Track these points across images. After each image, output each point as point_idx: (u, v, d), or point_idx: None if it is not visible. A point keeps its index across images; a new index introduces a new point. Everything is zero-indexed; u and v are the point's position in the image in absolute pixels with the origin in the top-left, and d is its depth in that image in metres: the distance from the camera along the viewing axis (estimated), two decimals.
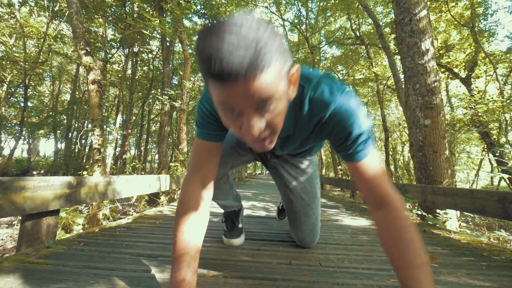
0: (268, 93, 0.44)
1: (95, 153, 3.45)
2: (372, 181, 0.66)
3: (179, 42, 7.03)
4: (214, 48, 0.40)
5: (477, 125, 5.93)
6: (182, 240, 0.67)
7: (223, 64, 0.39)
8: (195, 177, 0.74)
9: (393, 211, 0.63)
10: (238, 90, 0.42)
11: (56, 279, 0.82)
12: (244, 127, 0.48)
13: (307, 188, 1.20)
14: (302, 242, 1.25)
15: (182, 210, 0.71)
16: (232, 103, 0.45)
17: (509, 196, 1.51)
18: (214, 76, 0.42)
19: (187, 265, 0.65)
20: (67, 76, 15.19)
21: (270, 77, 0.43)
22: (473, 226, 4.85)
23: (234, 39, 0.39)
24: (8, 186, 1.12)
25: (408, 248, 0.59)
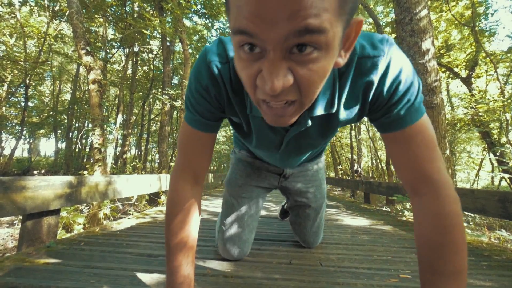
0: (318, 22, 0.28)
1: (96, 153, 3.45)
2: (415, 159, 0.50)
3: (180, 42, 7.03)
4: None
5: (478, 125, 5.92)
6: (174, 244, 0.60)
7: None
8: (187, 173, 0.64)
9: (435, 205, 0.49)
10: (269, 5, 0.27)
11: (56, 278, 0.82)
12: (263, 74, 0.33)
13: (316, 196, 1.15)
14: (305, 242, 1.23)
15: (175, 210, 0.61)
16: (254, 28, 0.29)
17: (509, 195, 1.51)
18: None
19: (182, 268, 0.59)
20: (68, 76, 15.20)
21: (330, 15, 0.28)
22: (474, 226, 4.84)
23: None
24: (9, 186, 1.12)
25: (438, 253, 0.47)
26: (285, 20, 0.27)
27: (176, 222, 0.61)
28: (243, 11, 0.29)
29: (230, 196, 1.09)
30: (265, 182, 1.10)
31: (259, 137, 0.68)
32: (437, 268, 0.46)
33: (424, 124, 0.50)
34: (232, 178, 1.10)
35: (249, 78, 0.36)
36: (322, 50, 0.31)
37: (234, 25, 0.31)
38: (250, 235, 1.07)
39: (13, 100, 10.79)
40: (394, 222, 2.11)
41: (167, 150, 6.89)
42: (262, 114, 0.42)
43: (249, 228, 1.07)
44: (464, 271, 0.46)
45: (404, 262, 1.11)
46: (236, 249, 1.02)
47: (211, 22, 9.92)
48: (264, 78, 0.33)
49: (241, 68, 0.36)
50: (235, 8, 0.30)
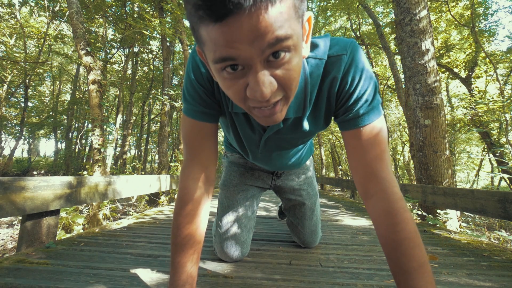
0: (283, 32, 0.33)
1: (95, 153, 3.45)
2: (367, 157, 0.54)
3: (179, 42, 7.04)
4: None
5: (478, 125, 5.93)
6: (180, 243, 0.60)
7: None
8: (194, 166, 0.64)
9: (384, 202, 0.53)
10: (243, 27, 0.31)
11: (56, 279, 0.82)
12: (251, 86, 0.38)
13: (310, 193, 1.18)
14: (304, 243, 1.23)
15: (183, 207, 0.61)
16: (234, 52, 0.34)
17: (509, 196, 1.51)
18: (209, 10, 0.31)
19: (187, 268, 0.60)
20: (68, 76, 15.20)
21: (285, 9, 0.33)
22: (474, 226, 4.84)
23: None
24: (9, 186, 1.12)
25: (399, 250, 0.50)
26: (259, 38, 0.33)
27: (184, 220, 0.61)
28: (221, 42, 0.33)
29: (225, 197, 1.09)
30: (259, 181, 1.12)
31: (243, 135, 0.72)
32: (403, 266, 0.49)
33: (379, 125, 0.55)
34: (227, 179, 1.11)
35: (238, 93, 0.41)
36: (292, 51, 0.37)
37: (215, 56, 0.36)
38: (248, 235, 1.06)
39: (13, 100, 10.79)
40: None
41: (166, 151, 6.89)
42: (255, 118, 0.47)
43: (247, 229, 1.06)
44: (426, 262, 0.50)
45: None
46: (234, 251, 1.01)
47: None
48: (253, 89, 0.38)
49: (227, 87, 0.41)
50: (211, 42, 0.35)
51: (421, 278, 0.48)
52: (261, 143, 0.73)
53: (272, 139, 0.71)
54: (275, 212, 2.48)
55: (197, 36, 0.37)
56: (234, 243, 1.01)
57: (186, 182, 0.63)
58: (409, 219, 0.52)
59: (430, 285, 0.48)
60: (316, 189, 1.23)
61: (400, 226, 0.51)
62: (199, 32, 0.36)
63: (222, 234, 1.03)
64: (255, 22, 0.31)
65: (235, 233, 1.02)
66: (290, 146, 0.79)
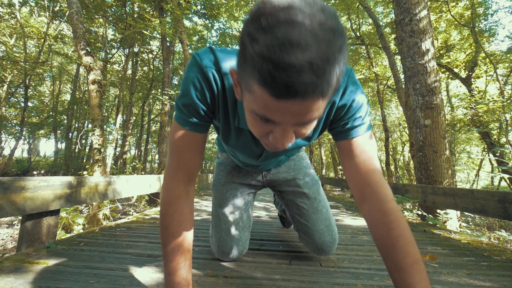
0: (317, 115, 0.40)
1: (95, 153, 3.45)
2: (361, 163, 0.61)
3: (179, 42, 7.03)
4: (285, 57, 0.32)
5: (478, 125, 5.93)
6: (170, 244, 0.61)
7: (291, 81, 0.33)
8: (181, 173, 0.65)
9: (378, 204, 0.57)
10: (291, 108, 0.37)
11: (56, 279, 0.82)
12: (276, 136, 0.44)
13: (308, 182, 1.09)
14: (322, 245, 1.03)
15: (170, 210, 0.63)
16: (276, 118, 0.40)
17: (509, 196, 1.51)
18: (276, 90, 0.35)
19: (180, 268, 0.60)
20: (68, 76, 15.19)
21: (323, 103, 0.39)
22: (474, 226, 4.84)
23: (307, 53, 0.32)
24: (9, 186, 1.12)
25: (394, 247, 0.53)
26: (299, 117, 0.40)
27: (172, 222, 0.62)
28: (269, 107, 0.39)
29: (215, 197, 1.10)
30: (249, 179, 1.09)
31: (242, 147, 0.77)
32: (399, 262, 0.52)
33: (369, 138, 0.64)
34: (215, 180, 1.13)
35: (260, 133, 0.47)
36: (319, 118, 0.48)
37: (259, 112, 0.41)
38: (242, 232, 1.05)
39: (13, 100, 10.79)
40: None
41: (167, 151, 6.88)
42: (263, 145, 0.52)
43: (240, 226, 1.04)
44: (420, 259, 0.53)
45: None
46: (230, 248, 1.01)
47: (211, 22, 9.93)
48: (276, 139, 0.45)
49: (253, 126, 0.47)
50: (261, 101, 0.39)
51: (416, 274, 0.51)
52: (262, 156, 0.81)
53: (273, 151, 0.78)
54: (275, 212, 2.48)
55: (247, 83, 0.40)
56: (229, 240, 1.01)
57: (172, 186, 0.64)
58: (401, 218, 0.56)
59: (425, 281, 0.50)
60: (315, 178, 1.12)
61: (394, 224, 0.55)
62: (253, 86, 0.38)
63: (216, 233, 1.04)
64: (301, 108, 0.38)
65: (229, 230, 1.02)
66: (285, 153, 0.86)
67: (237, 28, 13.42)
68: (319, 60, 0.33)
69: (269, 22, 0.34)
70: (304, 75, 0.33)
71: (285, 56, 0.32)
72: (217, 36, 12.18)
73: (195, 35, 11.32)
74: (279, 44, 0.33)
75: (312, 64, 0.33)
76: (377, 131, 17.16)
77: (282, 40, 0.32)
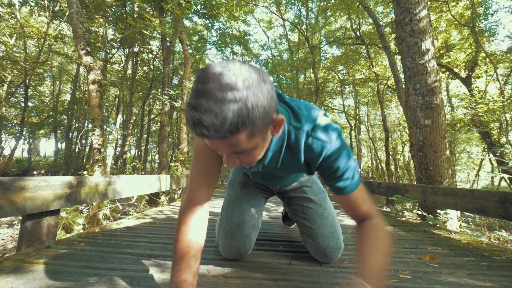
0: (242, 147, 0.51)
1: (96, 153, 3.45)
2: (358, 210, 0.72)
3: (179, 42, 7.03)
4: (196, 111, 0.45)
5: (478, 125, 5.92)
6: (186, 240, 0.67)
7: (202, 128, 0.45)
8: (203, 178, 0.74)
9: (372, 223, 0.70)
10: (215, 143, 0.50)
11: (56, 279, 0.82)
12: (223, 159, 0.57)
13: (314, 190, 1.13)
14: (325, 249, 1.03)
15: (189, 209, 0.71)
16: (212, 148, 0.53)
17: (509, 196, 1.51)
18: (193, 129, 0.47)
19: (189, 265, 0.65)
20: (68, 76, 15.18)
21: (246, 137, 0.49)
22: (474, 226, 4.84)
23: (215, 103, 0.44)
24: (9, 186, 1.12)
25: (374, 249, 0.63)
26: (224, 150, 0.52)
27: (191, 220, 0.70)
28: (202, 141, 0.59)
29: (230, 194, 1.14)
30: (261, 184, 1.15)
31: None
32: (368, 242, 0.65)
33: (360, 190, 0.72)
34: (232, 179, 1.20)
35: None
36: (253, 150, 0.54)
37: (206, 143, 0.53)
38: (251, 231, 1.06)
39: (13, 100, 10.79)
40: (394, 223, 2.11)
41: (166, 151, 6.89)
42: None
43: (250, 224, 1.06)
44: (385, 271, 0.61)
45: (404, 262, 1.11)
46: (237, 242, 1.02)
47: (211, 22, 9.93)
48: (224, 162, 0.58)
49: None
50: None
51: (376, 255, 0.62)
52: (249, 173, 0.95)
53: (259, 173, 0.91)
54: (275, 212, 2.48)
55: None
56: (238, 234, 1.03)
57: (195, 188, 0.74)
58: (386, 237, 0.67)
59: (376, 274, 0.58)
60: (321, 188, 1.17)
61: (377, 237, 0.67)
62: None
63: (226, 225, 1.06)
64: (222, 144, 0.49)
65: (239, 225, 1.04)
66: (278, 178, 0.94)
67: (237, 28, 13.43)
68: (222, 107, 0.44)
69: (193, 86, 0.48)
70: (206, 118, 0.44)
71: (190, 111, 0.46)
72: (217, 36, 12.17)
73: (195, 35, 11.31)
74: (192, 93, 0.47)
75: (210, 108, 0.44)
76: (377, 131, 17.15)
77: (189, 102, 0.47)
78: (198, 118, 0.44)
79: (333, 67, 12.73)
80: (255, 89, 0.46)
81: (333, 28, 14.27)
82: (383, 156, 14.39)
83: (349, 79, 12.66)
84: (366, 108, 16.15)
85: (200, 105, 0.44)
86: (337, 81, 13.44)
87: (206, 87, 0.45)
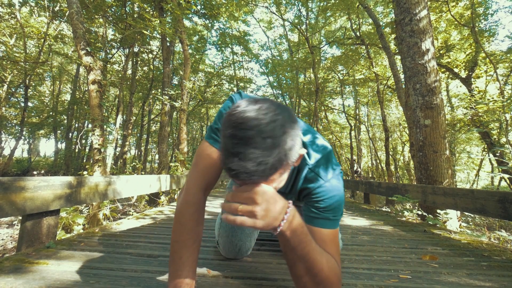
0: (273, 184, 0.54)
1: (96, 153, 3.45)
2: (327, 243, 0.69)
3: (179, 42, 7.03)
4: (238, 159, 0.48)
5: (478, 125, 5.92)
6: (183, 240, 0.67)
7: (245, 174, 0.48)
8: (202, 180, 0.76)
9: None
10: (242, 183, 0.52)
11: (56, 279, 0.82)
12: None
13: None
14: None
15: (186, 210, 0.71)
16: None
17: (509, 196, 1.51)
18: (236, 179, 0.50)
19: (187, 265, 0.65)
20: (68, 76, 15.18)
21: (279, 174, 0.53)
22: (474, 226, 4.84)
23: (257, 149, 0.47)
24: (9, 186, 1.12)
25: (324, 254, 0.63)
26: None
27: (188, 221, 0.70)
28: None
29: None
30: None
31: None
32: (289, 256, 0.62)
33: (335, 232, 0.71)
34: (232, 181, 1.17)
35: None
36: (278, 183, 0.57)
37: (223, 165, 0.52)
38: (252, 230, 1.07)
39: (13, 100, 10.79)
40: (394, 223, 2.11)
41: (166, 151, 6.88)
42: None
43: None
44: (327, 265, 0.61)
45: (404, 262, 1.11)
46: (239, 240, 1.03)
47: (211, 22, 9.93)
48: None
49: None
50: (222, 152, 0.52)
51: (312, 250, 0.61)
52: None
53: None
54: None
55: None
56: (240, 232, 1.03)
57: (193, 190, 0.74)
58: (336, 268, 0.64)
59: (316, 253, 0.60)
60: None
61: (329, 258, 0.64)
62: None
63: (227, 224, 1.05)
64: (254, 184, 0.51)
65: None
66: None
67: (237, 28, 13.43)
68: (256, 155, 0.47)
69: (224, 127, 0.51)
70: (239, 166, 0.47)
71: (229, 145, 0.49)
72: (217, 36, 12.18)
73: (195, 35, 11.31)
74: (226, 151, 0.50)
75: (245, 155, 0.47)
76: (377, 131, 17.15)
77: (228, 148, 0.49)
78: (242, 165, 0.47)
79: (333, 67, 12.73)
80: (290, 133, 0.50)
81: (333, 28, 14.28)
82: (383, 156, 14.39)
83: (349, 79, 12.67)
84: (366, 108, 16.16)
85: (241, 153, 0.47)
86: (337, 81, 13.44)
87: (245, 134, 0.47)
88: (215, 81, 13.18)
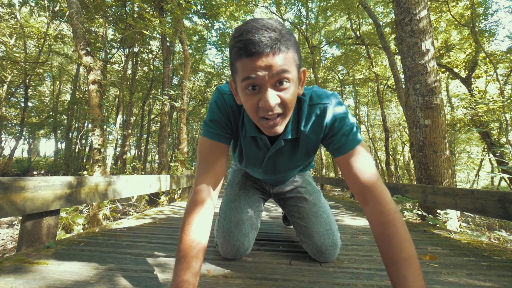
0: (287, 68, 0.57)
1: (96, 153, 3.45)
2: (358, 173, 0.70)
3: (179, 42, 7.04)
4: (247, 30, 0.55)
5: (478, 125, 5.93)
6: (189, 240, 0.66)
7: (255, 39, 0.54)
8: (208, 177, 0.76)
9: (377, 206, 0.66)
10: (262, 61, 0.55)
11: (56, 279, 0.82)
12: (262, 100, 0.59)
13: (309, 190, 1.18)
14: (321, 247, 1.03)
15: (193, 210, 0.71)
16: (254, 74, 0.56)
17: (509, 196, 1.51)
18: (246, 51, 0.55)
19: (190, 265, 0.64)
20: (68, 76, 15.18)
21: (289, 57, 0.58)
22: (474, 226, 4.84)
23: (263, 24, 0.55)
24: (9, 186, 1.12)
25: (390, 243, 0.61)
26: (270, 68, 0.56)
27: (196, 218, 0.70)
28: (248, 67, 0.57)
29: (228, 195, 1.17)
30: (258, 184, 1.22)
31: (248, 154, 0.91)
32: (394, 256, 0.60)
33: (361, 149, 0.72)
34: (231, 180, 1.24)
35: (253, 105, 0.62)
36: (290, 82, 0.60)
37: (243, 76, 0.59)
38: (250, 229, 1.07)
39: (13, 100, 10.79)
40: None
41: (166, 151, 6.89)
42: (262, 128, 0.67)
43: (249, 223, 1.08)
44: (415, 255, 0.60)
45: None
46: (236, 241, 1.03)
47: (211, 22, 9.93)
48: (264, 100, 0.59)
49: (246, 101, 0.63)
50: (242, 68, 0.58)
51: (410, 267, 0.58)
52: (264, 160, 0.91)
53: (273, 158, 0.90)
54: (275, 212, 2.48)
55: (234, 68, 0.62)
56: (237, 233, 1.04)
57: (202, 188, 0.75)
58: (398, 218, 0.64)
59: (418, 275, 0.57)
60: (316, 188, 1.22)
61: (391, 224, 0.63)
62: (236, 65, 0.60)
63: (225, 224, 1.06)
64: (270, 60, 0.55)
65: (238, 223, 1.06)
66: (285, 168, 0.95)
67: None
68: (272, 24, 0.56)
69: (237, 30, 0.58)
70: (263, 34, 0.54)
71: (247, 30, 0.55)
72: (217, 36, 12.18)
73: (195, 35, 11.31)
74: (241, 30, 0.56)
75: (267, 27, 0.55)
76: (377, 131, 17.16)
77: (244, 27, 0.57)
78: (256, 35, 0.54)
79: (333, 67, 12.73)
80: (291, 31, 0.60)
81: (333, 28, 14.28)
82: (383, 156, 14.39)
83: (349, 79, 12.66)
84: (366, 108, 16.16)
85: (255, 28, 0.54)
86: (337, 81, 13.44)
87: (256, 23, 0.56)
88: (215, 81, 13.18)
